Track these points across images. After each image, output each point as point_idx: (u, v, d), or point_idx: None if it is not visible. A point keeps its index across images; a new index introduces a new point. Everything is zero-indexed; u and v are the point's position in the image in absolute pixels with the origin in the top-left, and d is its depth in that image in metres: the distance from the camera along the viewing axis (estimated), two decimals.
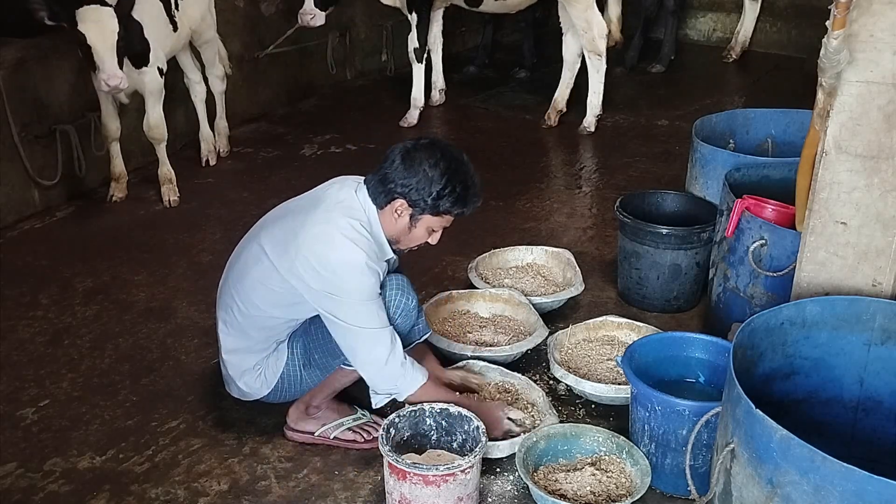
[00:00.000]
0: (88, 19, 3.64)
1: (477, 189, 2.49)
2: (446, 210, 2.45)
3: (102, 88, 3.78)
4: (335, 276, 2.37)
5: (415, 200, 2.42)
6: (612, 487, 2.43)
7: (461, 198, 2.44)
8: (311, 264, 2.38)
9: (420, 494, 2.31)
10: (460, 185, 2.42)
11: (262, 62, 5.75)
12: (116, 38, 3.68)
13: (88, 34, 3.64)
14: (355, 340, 2.44)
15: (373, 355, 2.44)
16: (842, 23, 2.14)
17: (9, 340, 3.28)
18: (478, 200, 2.51)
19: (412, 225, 2.48)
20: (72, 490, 2.55)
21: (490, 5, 5.40)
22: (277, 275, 2.46)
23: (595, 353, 3.07)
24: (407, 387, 2.50)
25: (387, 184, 2.43)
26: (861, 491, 1.65)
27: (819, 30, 2.20)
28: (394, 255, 2.58)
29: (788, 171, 2.97)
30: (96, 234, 4.17)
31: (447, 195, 2.41)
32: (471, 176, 2.46)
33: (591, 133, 5.48)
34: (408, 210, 2.44)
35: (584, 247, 4.02)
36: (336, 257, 2.37)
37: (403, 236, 2.52)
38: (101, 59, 3.68)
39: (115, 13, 3.69)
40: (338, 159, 5.12)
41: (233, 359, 2.64)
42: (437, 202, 2.42)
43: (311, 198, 2.57)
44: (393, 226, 2.48)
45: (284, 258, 2.44)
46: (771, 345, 2.24)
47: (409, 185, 2.40)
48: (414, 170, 2.40)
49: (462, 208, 2.47)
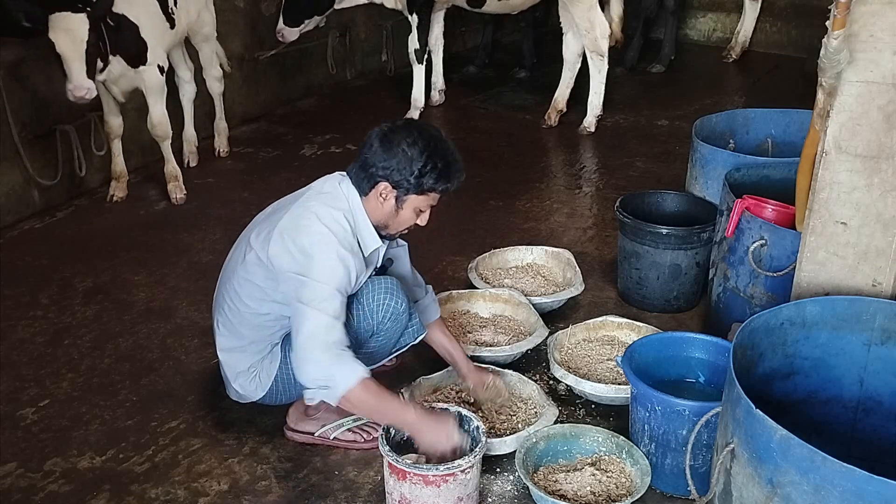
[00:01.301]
0: (58, 27, 3.59)
1: (459, 164, 2.47)
2: (430, 187, 2.43)
3: (70, 98, 3.70)
4: (304, 257, 2.34)
5: (398, 181, 2.41)
6: (612, 487, 2.43)
7: (444, 173, 2.42)
8: (284, 245, 2.37)
9: (420, 494, 2.30)
10: (441, 160, 2.41)
11: (262, 62, 5.75)
12: (86, 47, 3.62)
13: (57, 42, 3.59)
14: (302, 321, 2.29)
15: (311, 341, 2.27)
16: (842, 23, 2.14)
17: (9, 340, 3.28)
18: (461, 175, 2.48)
19: (398, 207, 2.46)
20: (72, 490, 2.55)
21: (493, 6, 5.41)
22: (262, 267, 2.45)
23: (595, 353, 3.07)
24: (343, 379, 2.25)
25: (368, 168, 2.42)
26: (861, 491, 1.65)
27: (819, 30, 2.20)
28: (382, 242, 2.53)
29: (788, 171, 2.97)
30: (96, 234, 4.17)
31: (429, 172, 2.40)
32: (451, 151, 2.45)
33: (591, 133, 5.48)
34: (392, 192, 2.43)
35: (584, 247, 4.02)
36: (309, 240, 2.35)
37: (391, 220, 2.50)
38: (68, 69, 3.63)
39: (89, 19, 3.63)
40: (338, 159, 5.12)
41: (228, 359, 2.64)
42: (420, 180, 2.40)
43: (295, 195, 2.57)
44: (379, 210, 2.47)
45: (264, 245, 2.43)
46: (771, 345, 2.24)
47: (390, 167, 2.39)
48: (393, 151, 2.39)
49: (446, 184, 2.45)
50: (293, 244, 2.36)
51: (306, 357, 2.29)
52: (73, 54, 3.62)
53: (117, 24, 3.89)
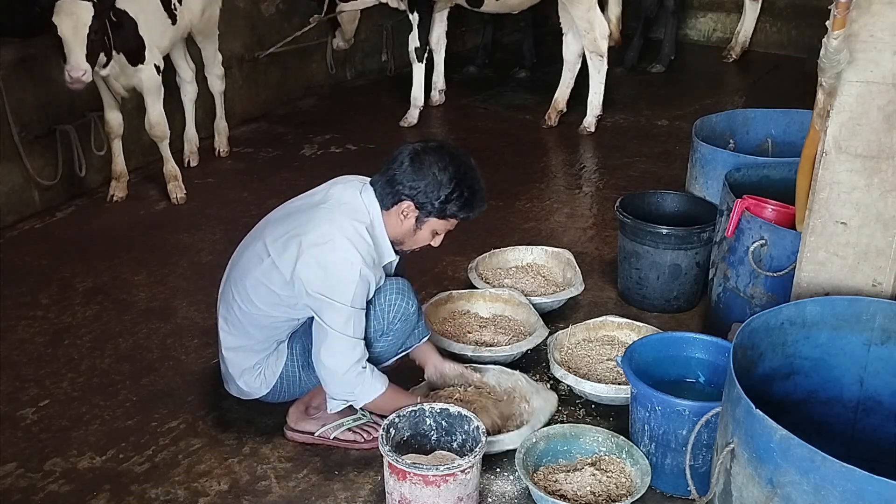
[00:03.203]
0: (62, 11, 3.63)
1: (483, 194, 2.51)
2: (453, 214, 2.46)
3: (66, 80, 3.70)
4: (329, 277, 2.38)
5: (422, 203, 2.42)
6: (612, 487, 2.43)
7: (468, 202, 2.45)
8: (310, 264, 2.38)
9: (420, 494, 2.31)
10: (468, 189, 2.44)
11: (262, 62, 5.75)
12: (88, 32, 3.65)
13: (60, 25, 3.63)
14: (324, 341, 2.43)
15: (335, 361, 2.43)
16: (842, 23, 2.14)
17: (9, 340, 3.28)
18: (483, 205, 2.52)
19: (417, 227, 2.48)
20: (72, 490, 2.55)
21: (491, 5, 5.41)
22: (279, 274, 2.45)
23: (595, 353, 3.07)
24: (364, 395, 2.48)
25: (394, 185, 2.43)
26: (861, 491, 1.65)
27: (819, 30, 2.20)
28: (396, 256, 2.57)
29: (788, 171, 2.97)
30: (96, 234, 4.17)
31: (455, 199, 2.42)
32: (478, 181, 2.48)
33: (591, 133, 5.48)
34: (414, 212, 2.45)
35: (584, 247, 4.02)
36: (334, 259, 2.37)
37: (408, 238, 2.52)
38: (68, 50, 3.65)
39: (94, 8, 3.67)
40: (338, 159, 5.12)
41: (233, 357, 2.64)
42: (444, 205, 2.42)
43: (314, 198, 2.56)
44: (398, 227, 2.49)
45: (285, 257, 2.43)
46: (771, 345, 2.24)
47: (418, 188, 2.41)
48: (423, 172, 2.40)
49: (468, 212, 2.48)
50: (317, 263, 2.38)
51: (332, 378, 2.46)
52: (75, 38, 3.64)
53: (119, 19, 3.90)
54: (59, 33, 3.64)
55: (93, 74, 3.75)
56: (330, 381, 2.47)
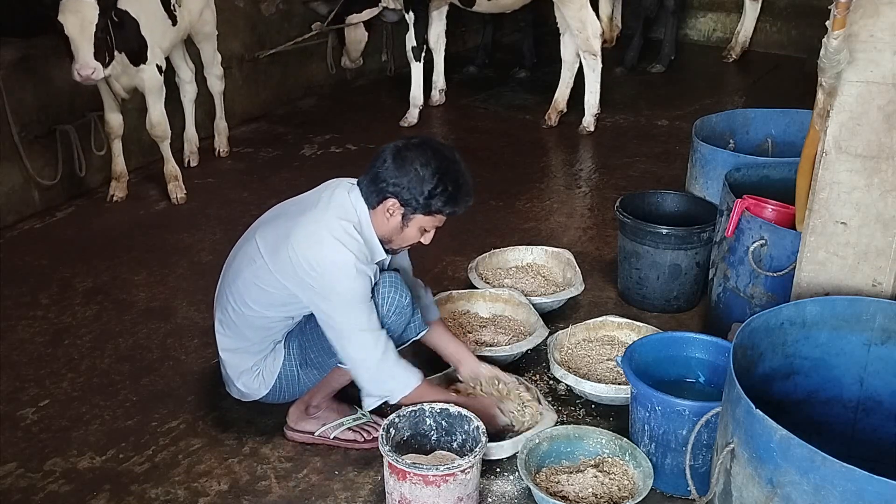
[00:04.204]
0: (68, 9, 3.63)
1: (469, 188, 2.48)
2: (438, 209, 2.45)
3: (75, 78, 3.71)
4: (325, 277, 2.38)
5: (406, 200, 2.41)
6: (615, 490, 2.43)
7: (453, 197, 2.43)
8: (302, 265, 2.38)
9: (420, 494, 2.31)
10: (452, 184, 2.41)
11: (262, 62, 5.75)
12: (95, 30, 3.65)
13: (66, 23, 3.63)
14: (348, 342, 2.44)
15: (363, 356, 2.45)
16: (842, 23, 2.14)
17: (9, 340, 3.28)
18: (469, 200, 2.50)
19: (404, 224, 2.48)
20: (72, 490, 2.55)
21: (483, 5, 5.41)
22: (271, 275, 2.46)
23: (595, 353, 3.07)
24: (399, 390, 2.50)
25: (378, 183, 2.42)
26: (861, 491, 1.65)
27: (819, 30, 2.20)
28: (386, 255, 2.57)
29: (788, 171, 2.97)
30: (96, 234, 4.17)
31: (439, 194, 2.40)
32: (462, 175, 2.45)
33: (590, 133, 5.48)
34: (399, 209, 2.44)
35: (584, 247, 4.02)
36: (325, 258, 2.37)
37: (395, 236, 2.51)
38: (76, 48, 3.65)
39: (99, 5, 3.67)
40: (338, 159, 5.12)
41: (231, 359, 2.65)
42: (428, 201, 2.41)
43: (305, 200, 2.57)
44: (385, 225, 2.48)
45: (276, 258, 2.44)
46: (771, 345, 2.24)
47: (401, 185, 2.40)
48: (405, 169, 2.39)
49: (454, 208, 2.46)
50: (308, 263, 2.38)
51: (366, 372, 2.48)
52: (82, 36, 3.64)
53: (121, 20, 3.90)
54: (65, 32, 3.64)
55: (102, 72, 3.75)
56: (365, 376, 2.48)
